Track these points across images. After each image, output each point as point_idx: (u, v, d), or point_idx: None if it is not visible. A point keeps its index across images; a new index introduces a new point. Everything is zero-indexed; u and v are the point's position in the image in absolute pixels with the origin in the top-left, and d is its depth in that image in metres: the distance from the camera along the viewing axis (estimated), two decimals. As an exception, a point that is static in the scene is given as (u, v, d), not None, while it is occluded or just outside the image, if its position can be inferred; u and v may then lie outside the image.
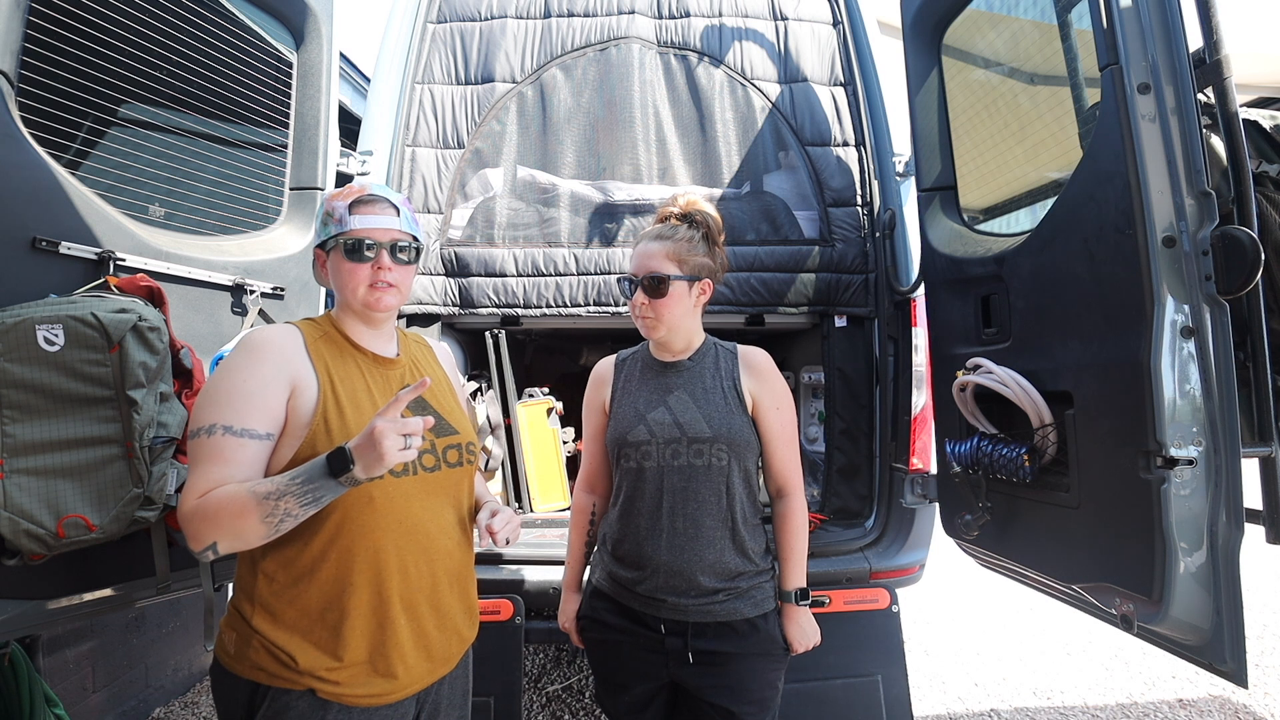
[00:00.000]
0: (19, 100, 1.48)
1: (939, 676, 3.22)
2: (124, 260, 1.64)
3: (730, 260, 2.42)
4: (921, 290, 2.27)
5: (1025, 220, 2.01)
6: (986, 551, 1.95)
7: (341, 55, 2.66)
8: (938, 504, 2.15)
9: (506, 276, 2.49)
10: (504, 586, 2.12)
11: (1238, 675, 1.33)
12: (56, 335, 1.37)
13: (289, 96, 2.19)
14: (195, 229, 1.94)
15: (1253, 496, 1.36)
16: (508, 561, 2.19)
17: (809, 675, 1.92)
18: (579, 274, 2.48)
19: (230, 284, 1.92)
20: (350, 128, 2.78)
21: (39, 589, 1.49)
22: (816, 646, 1.48)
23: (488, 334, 2.63)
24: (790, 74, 2.69)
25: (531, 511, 2.70)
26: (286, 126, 2.19)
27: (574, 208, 2.55)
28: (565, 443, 2.89)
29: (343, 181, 2.33)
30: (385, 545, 1.13)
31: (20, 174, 1.46)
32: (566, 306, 2.48)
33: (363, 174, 2.46)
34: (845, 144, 2.62)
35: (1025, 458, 1.65)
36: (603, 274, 2.48)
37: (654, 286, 1.42)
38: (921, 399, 2.30)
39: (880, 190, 2.54)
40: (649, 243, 1.46)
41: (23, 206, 1.46)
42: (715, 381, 1.47)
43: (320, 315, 1.28)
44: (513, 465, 2.69)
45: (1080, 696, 3.00)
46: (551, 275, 2.48)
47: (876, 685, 1.97)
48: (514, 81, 2.65)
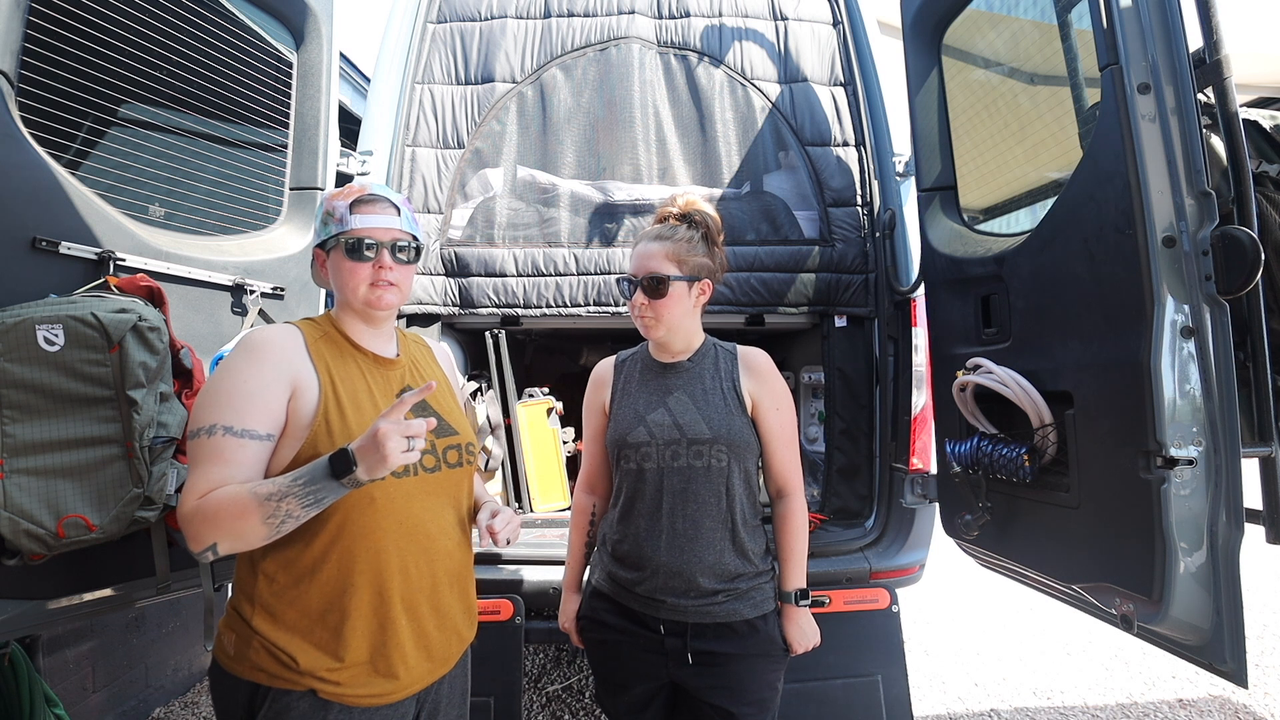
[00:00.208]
0: (19, 100, 1.48)
1: (939, 676, 3.22)
2: (124, 260, 1.64)
3: (730, 260, 2.42)
4: (921, 290, 2.27)
5: (1025, 220, 2.01)
6: (986, 551, 1.95)
7: (341, 55, 2.66)
8: (938, 504, 2.15)
9: (506, 276, 2.49)
10: (504, 586, 2.12)
11: (1238, 675, 1.33)
12: (56, 335, 1.37)
13: (289, 96, 2.19)
14: (195, 229, 1.94)
15: (1253, 496, 1.36)
16: (508, 561, 2.19)
17: (809, 675, 1.92)
18: (579, 274, 2.48)
19: (230, 284, 1.92)
20: (350, 128, 2.78)
21: (39, 589, 1.49)
22: (816, 647, 1.48)
23: (488, 334, 2.63)
24: (790, 74, 2.69)
25: (531, 511, 2.70)
26: (286, 126, 2.18)
27: (574, 208, 2.55)
28: (565, 443, 2.89)
29: (343, 181, 2.33)
30: (386, 546, 1.13)
31: (20, 174, 1.46)
32: (566, 306, 2.47)
33: (363, 174, 2.46)
34: (845, 144, 2.62)
35: (1025, 458, 1.65)
36: (603, 274, 2.48)
37: (653, 287, 1.42)
38: (921, 399, 2.29)
39: (880, 190, 2.53)
40: (648, 243, 1.46)
41: (23, 206, 1.46)
42: (715, 382, 1.47)
43: (320, 315, 1.28)
44: (513, 465, 2.69)
45: (1080, 696, 3.00)
46: (551, 275, 2.48)
47: (876, 685, 1.97)
48: (514, 81, 2.65)
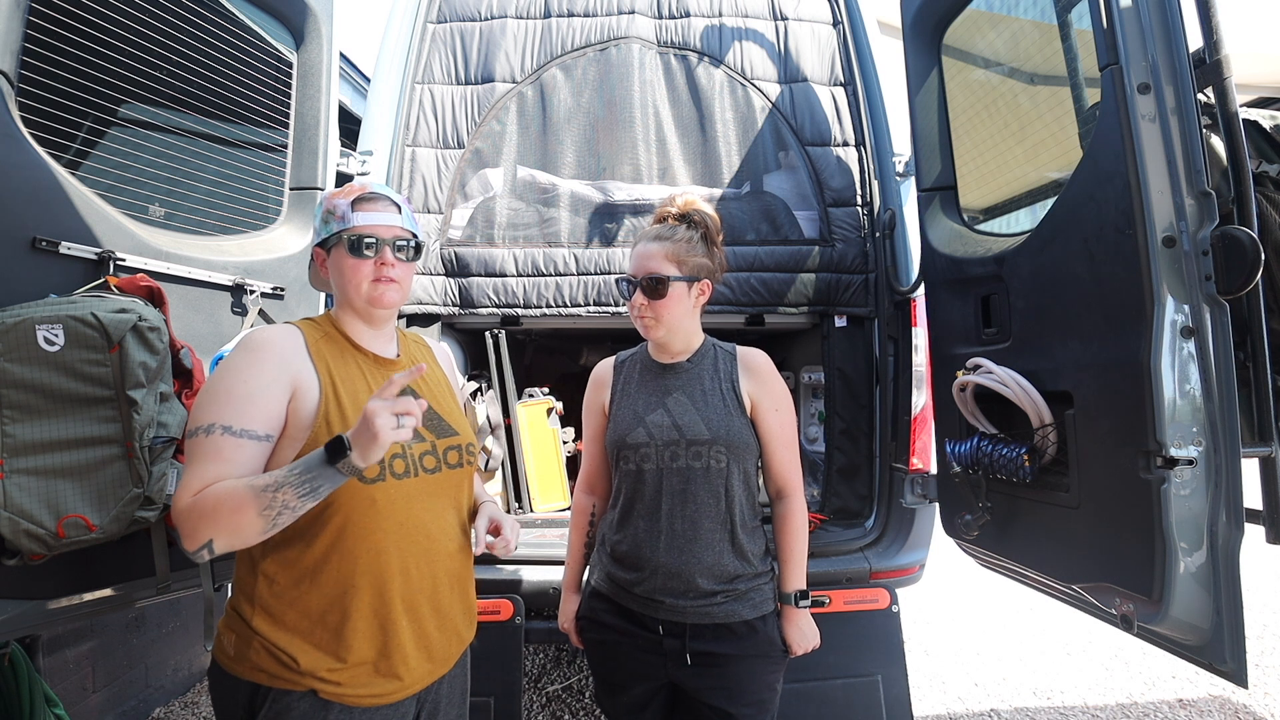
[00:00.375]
0: (19, 100, 1.48)
1: (939, 676, 3.22)
2: (124, 260, 1.64)
3: (730, 260, 2.42)
4: (921, 290, 2.27)
5: (1025, 220, 2.01)
6: (986, 551, 1.95)
7: (341, 55, 2.66)
8: (938, 504, 2.15)
9: (506, 276, 2.49)
10: (504, 586, 2.12)
11: (1238, 675, 1.33)
12: (56, 335, 1.37)
13: (289, 96, 2.19)
14: (195, 229, 1.94)
15: (1253, 496, 1.36)
16: (507, 561, 2.19)
17: (809, 675, 1.92)
18: (579, 274, 2.48)
19: (230, 284, 1.92)
20: (350, 128, 2.78)
21: (39, 589, 1.49)
22: (816, 648, 1.48)
23: (488, 334, 2.63)
24: (790, 74, 2.69)
25: (531, 511, 2.70)
26: (286, 126, 2.19)
27: (574, 208, 2.55)
28: (565, 443, 2.89)
29: (342, 181, 2.33)
30: (387, 547, 1.12)
31: (20, 174, 1.46)
32: (566, 306, 2.47)
33: (363, 174, 2.46)
34: (845, 144, 2.62)
35: (1025, 458, 1.65)
36: (603, 274, 2.48)
37: (653, 287, 1.41)
38: (921, 399, 2.29)
39: (880, 190, 2.53)
40: (647, 243, 1.46)
41: (23, 206, 1.46)
42: (714, 383, 1.47)
43: (320, 315, 1.28)
44: (513, 465, 2.69)
45: (1080, 696, 3.00)
46: (551, 275, 2.48)
47: (876, 685, 1.97)
48: (514, 81, 2.65)
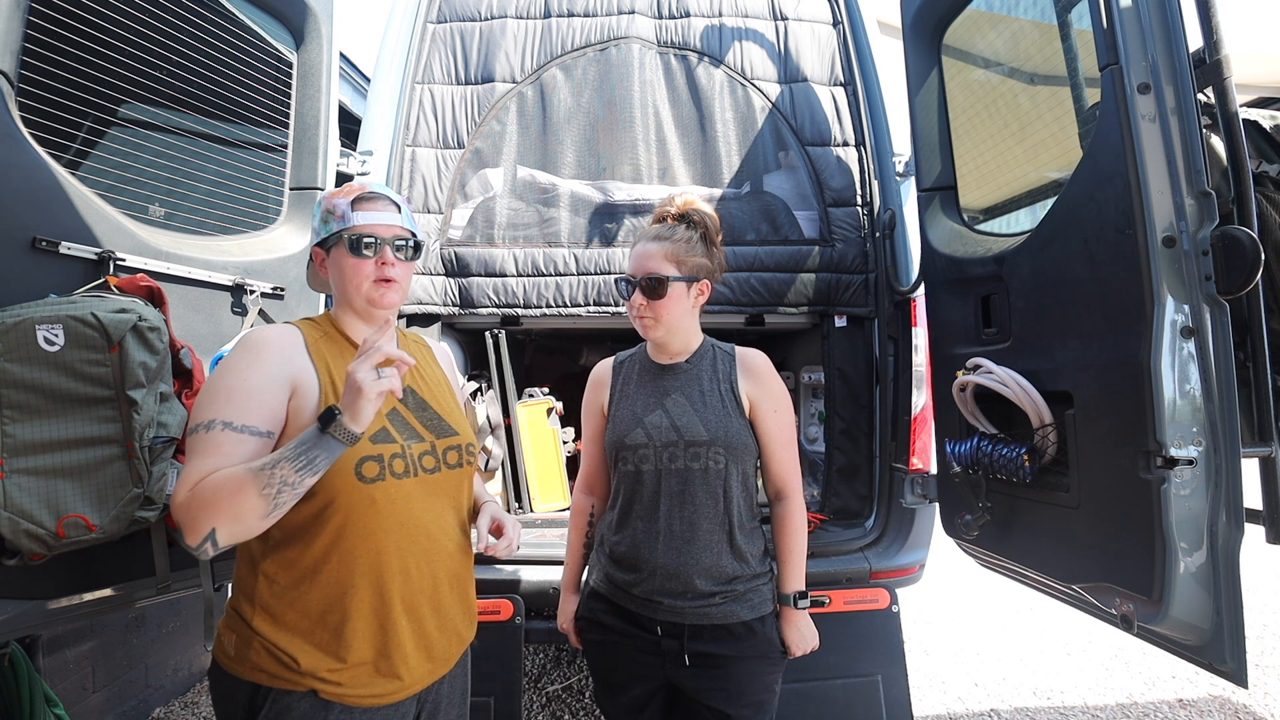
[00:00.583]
0: (19, 100, 1.48)
1: (939, 676, 3.22)
2: (124, 260, 1.64)
3: (730, 260, 2.42)
4: (921, 290, 2.27)
5: (1025, 220, 2.01)
6: (986, 551, 1.95)
7: (341, 55, 2.66)
8: (938, 504, 2.15)
9: (506, 276, 2.49)
10: (504, 586, 2.12)
11: (1238, 675, 1.33)
12: (56, 335, 1.37)
13: (289, 96, 2.19)
14: (195, 229, 1.94)
15: (1253, 496, 1.36)
16: (507, 561, 2.19)
17: (809, 675, 1.92)
18: (579, 274, 2.48)
19: (230, 284, 1.92)
20: (350, 128, 2.78)
21: (39, 589, 1.49)
22: (814, 649, 1.48)
23: (488, 334, 2.63)
24: (790, 74, 2.69)
25: (531, 511, 2.70)
26: (286, 126, 2.19)
27: (574, 208, 2.55)
28: (565, 443, 2.89)
29: (342, 181, 2.33)
30: (387, 547, 1.12)
31: (20, 174, 1.46)
32: (566, 306, 2.47)
33: (363, 174, 2.46)
34: (845, 144, 2.62)
35: (1025, 458, 1.65)
36: (603, 274, 2.48)
37: (652, 287, 1.41)
38: (921, 399, 2.29)
39: (880, 190, 2.53)
40: (647, 243, 1.46)
41: (23, 206, 1.46)
42: (713, 384, 1.47)
43: (320, 315, 1.28)
44: (513, 465, 2.69)
45: (1080, 696, 3.00)
46: (551, 275, 2.48)
47: (876, 685, 1.97)
48: (514, 81, 2.65)
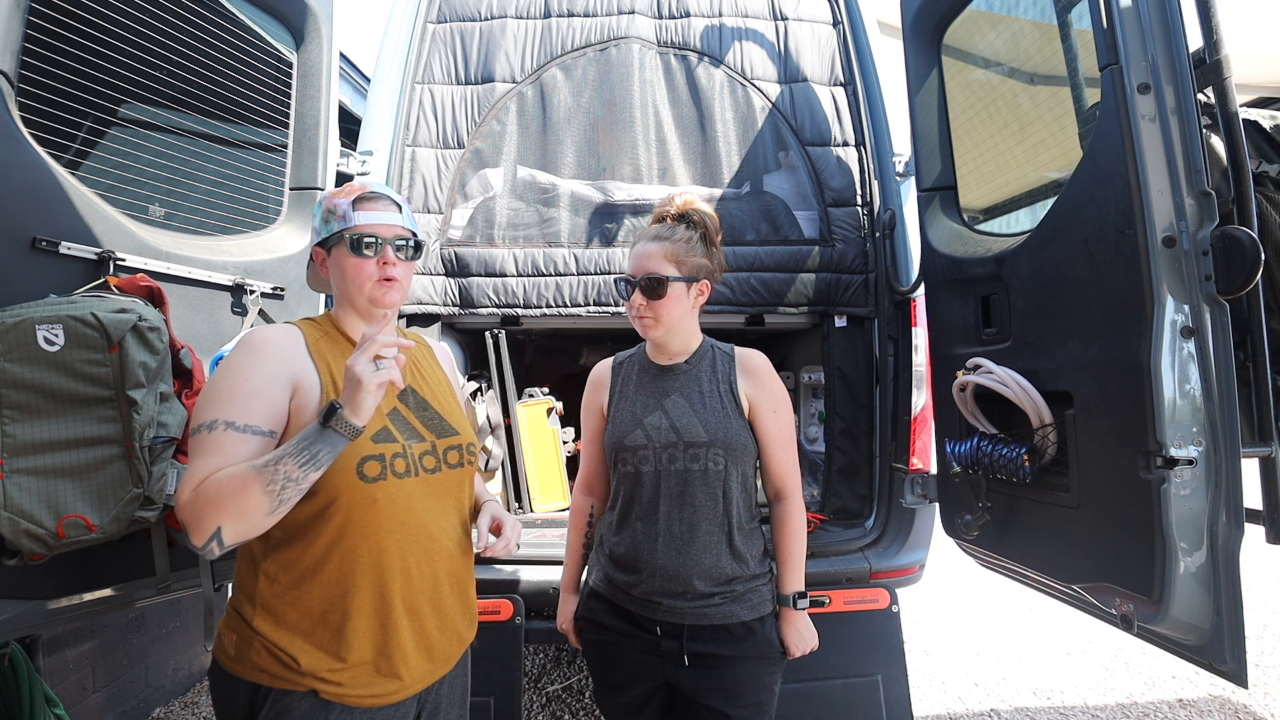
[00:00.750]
0: (19, 100, 1.48)
1: (939, 676, 3.22)
2: (124, 260, 1.64)
3: (730, 260, 2.42)
4: (921, 290, 2.27)
5: (1025, 220, 2.01)
6: (986, 551, 1.95)
7: (341, 55, 2.66)
8: (938, 504, 2.15)
9: (506, 276, 2.49)
10: (504, 586, 2.12)
11: (1238, 675, 1.33)
12: (56, 335, 1.37)
13: (289, 96, 2.19)
14: (195, 229, 1.94)
15: (1253, 496, 1.36)
16: (507, 561, 2.19)
17: (809, 675, 1.92)
18: (579, 274, 2.48)
19: (230, 284, 1.92)
20: (350, 128, 2.78)
21: (39, 589, 1.49)
22: (814, 649, 1.48)
23: (488, 334, 2.63)
24: (790, 74, 2.69)
25: (531, 511, 2.70)
26: (286, 126, 2.19)
27: (574, 208, 2.55)
28: (565, 443, 2.89)
29: (342, 181, 2.33)
30: (388, 546, 1.12)
31: (20, 174, 1.46)
32: (566, 306, 2.48)
33: (363, 174, 2.46)
34: (845, 144, 2.62)
35: (1025, 458, 1.65)
36: (603, 274, 2.48)
37: (652, 287, 1.41)
38: (921, 399, 2.30)
39: (880, 190, 2.53)
40: (646, 243, 1.46)
41: (23, 206, 1.46)
42: (712, 385, 1.47)
43: (320, 315, 1.28)
44: (513, 465, 2.69)
45: (1080, 696, 3.00)
46: (551, 275, 2.48)
47: (876, 685, 1.97)
48: (514, 81, 2.65)
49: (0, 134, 1.43)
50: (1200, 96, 1.40)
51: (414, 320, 2.50)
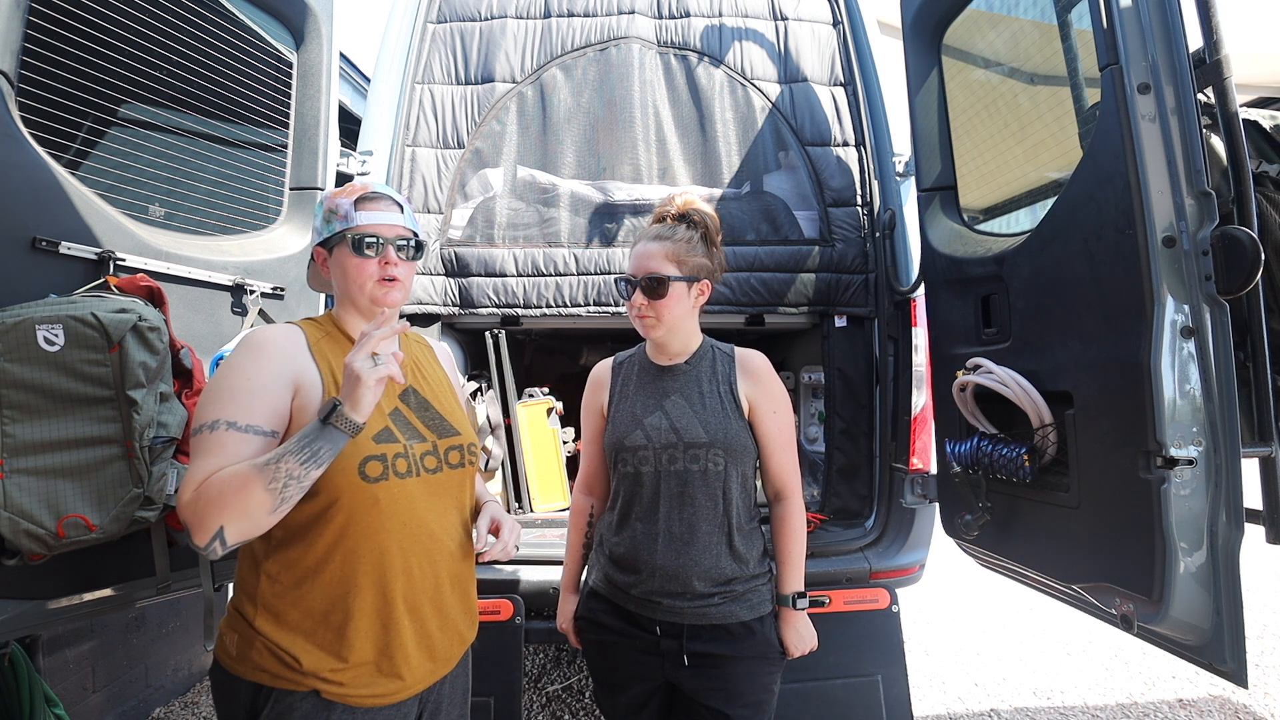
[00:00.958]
0: (19, 100, 1.48)
1: (939, 676, 3.23)
2: (124, 260, 1.64)
3: (730, 260, 2.42)
4: (921, 290, 2.27)
5: (1025, 220, 2.01)
6: (986, 551, 1.95)
7: (341, 55, 2.66)
8: (938, 504, 2.15)
9: (506, 276, 2.49)
10: (504, 586, 2.12)
11: (1238, 675, 1.33)
12: (56, 335, 1.37)
13: (289, 96, 2.19)
14: (195, 229, 1.94)
15: (1253, 496, 1.36)
16: (507, 562, 2.19)
17: (809, 675, 1.92)
18: (579, 274, 2.48)
19: (230, 284, 1.92)
20: (350, 128, 2.78)
21: (39, 589, 1.49)
22: (813, 649, 1.48)
23: (488, 334, 2.63)
24: (790, 74, 2.69)
25: (531, 511, 2.70)
26: (286, 126, 2.19)
27: (574, 208, 2.55)
28: (565, 443, 2.89)
29: (342, 181, 2.33)
30: (390, 547, 1.12)
31: (20, 174, 1.46)
32: (566, 306, 2.48)
33: (363, 174, 2.46)
34: (845, 144, 2.62)
35: (1025, 458, 1.65)
36: (603, 274, 2.48)
37: (652, 287, 1.41)
38: (921, 399, 2.30)
39: (880, 190, 2.54)
40: (647, 243, 1.46)
41: (23, 206, 1.46)
42: (712, 386, 1.47)
43: (321, 315, 1.28)
44: (513, 465, 2.69)
45: (1080, 696, 3.00)
46: (551, 275, 2.48)
47: (876, 685, 1.97)
48: (514, 81, 2.65)
49: (0, 134, 1.43)
50: (1200, 96, 1.40)
51: (414, 320, 2.50)
